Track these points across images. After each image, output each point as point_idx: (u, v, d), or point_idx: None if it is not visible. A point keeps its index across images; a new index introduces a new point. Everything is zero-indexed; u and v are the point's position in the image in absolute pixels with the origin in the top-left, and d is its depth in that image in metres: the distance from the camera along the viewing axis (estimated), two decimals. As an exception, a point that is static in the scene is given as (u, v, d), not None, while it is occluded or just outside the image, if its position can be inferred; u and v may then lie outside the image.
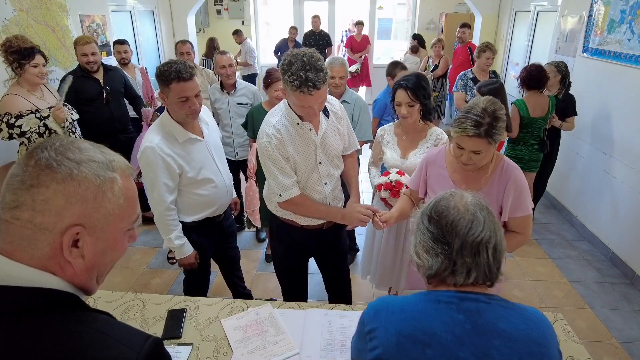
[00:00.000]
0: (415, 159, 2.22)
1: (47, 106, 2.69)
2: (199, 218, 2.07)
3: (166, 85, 1.77)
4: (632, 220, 3.18)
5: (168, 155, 1.83)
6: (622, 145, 3.35)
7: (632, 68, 3.24)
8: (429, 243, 0.94)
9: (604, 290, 3.06)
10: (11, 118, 2.53)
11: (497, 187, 1.63)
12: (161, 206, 1.92)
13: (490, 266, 0.91)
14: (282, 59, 1.62)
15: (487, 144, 1.53)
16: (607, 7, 3.59)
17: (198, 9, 6.86)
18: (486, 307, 0.90)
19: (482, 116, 1.51)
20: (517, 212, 1.62)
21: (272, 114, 1.80)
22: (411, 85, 2.12)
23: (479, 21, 6.72)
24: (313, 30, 7.43)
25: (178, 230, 2.00)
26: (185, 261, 2.07)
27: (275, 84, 2.80)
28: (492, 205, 1.58)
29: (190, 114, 1.83)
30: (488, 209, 0.95)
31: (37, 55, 2.59)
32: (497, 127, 1.52)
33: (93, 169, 0.69)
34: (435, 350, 0.85)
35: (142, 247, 3.61)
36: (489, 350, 0.85)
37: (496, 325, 0.87)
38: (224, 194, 2.13)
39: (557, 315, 1.70)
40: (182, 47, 3.78)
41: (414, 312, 0.91)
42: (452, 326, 0.87)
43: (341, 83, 2.84)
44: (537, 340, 0.88)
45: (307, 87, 1.54)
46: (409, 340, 0.87)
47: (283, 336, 1.58)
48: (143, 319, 1.67)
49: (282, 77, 1.60)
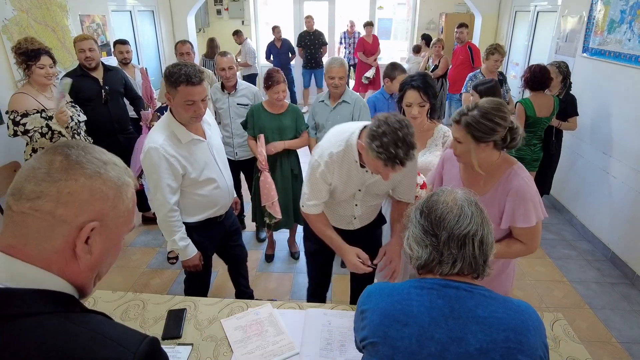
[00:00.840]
0: (426, 158, 2.23)
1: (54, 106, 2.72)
2: (201, 219, 2.08)
3: (174, 87, 1.76)
4: (632, 220, 3.18)
5: (172, 156, 1.83)
6: (622, 145, 3.35)
7: (632, 68, 3.24)
8: (419, 235, 1.00)
9: (604, 290, 3.06)
10: (17, 116, 2.59)
11: (500, 193, 1.62)
12: (165, 208, 1.90)
13: (475, 258, 0.96)
14: (375, 122, 1.46)
15: (466, 135, 1.54)
16: (607, 7, 3.59)
17: (198, 9, 6.86)
18: (466, 294, 0.95)
19: (472, 109, 1.53)
20: (517, 222, 1.59)
21: (336, 142, 1.69)
22: (422, 85, 2.12)
23: (479, 21, 6.72)
24: (308, 30, 7.42)
25: (182, 232, 1.99)
26: (189, 263, 2.05)
27: (276, 86, 2.79)
28: (493, 210, 1.61)
29: (195, 117, 1.84)
30: (477, 204, 1.00)
31: (42, 56, 2.63)
32: (481, 124, 1.50)
33: (116, 171, 0.75)
34: (412, 329, 0.93)
35: (142, 247, 3.62)
36: (463, 334, 0.90)
37: (474, 312, 0.92)
38: (226, 194, 2.13)
39: (557, 315, 1.71)
40: (182, 47, 3.77)
41: (399, 296, 0.98)
42: (430, 309, 0.94)
43: (340, 83, 2.84)
44: (515, 328, 0.91)
45: (394, 163, 1.44)
46: (390, 320, 0.95)
47: (283, 336, 1.58)
48: (143, 319, 1.67)
49: (369, 142, 1.46)
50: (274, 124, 2.90)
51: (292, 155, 3.08)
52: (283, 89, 2.84)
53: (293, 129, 2.98)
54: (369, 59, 7.21)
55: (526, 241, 1.63)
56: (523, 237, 1.63)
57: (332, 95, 2.96)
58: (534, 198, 1.59)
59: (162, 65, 6.39)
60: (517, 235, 1.64)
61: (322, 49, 7.49)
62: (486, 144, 1.55)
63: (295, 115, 2.99)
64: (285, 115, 2.95)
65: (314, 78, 7.72)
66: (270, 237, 3.47)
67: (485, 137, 1.52)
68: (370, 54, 7.25)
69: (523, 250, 1.66)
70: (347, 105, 2.92)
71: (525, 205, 1.57)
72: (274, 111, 2.92)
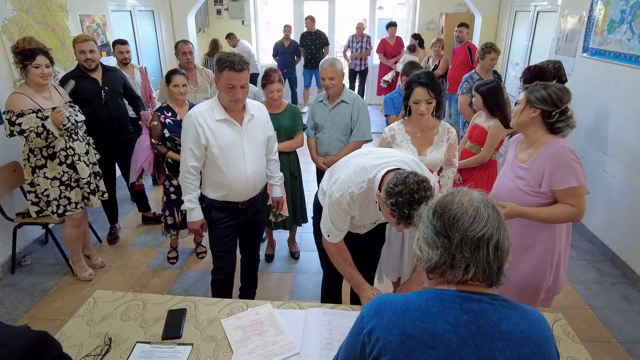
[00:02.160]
0: (434, 155, 2.25)
1: (52, 106, 2.71)
2: (219, 198, 2.21)
3: (220, 71, 1.98)
4: (632, 220, 3.18)
5: (200, 125, 2.04)
6: (622, 145, 3.35)
7: (632, 68, 3.24)
8: (430, 236, 0.94)
9: (604, 290, 3.06)
10: (13, 115, 2.58)
11: (541, 158, 1.82)
12: (183, 167, 2.14)
13: (489, 263, 0.90)
14: (394, 179, 1.45)
15: (524, 98, 1.87)
16: (607, 7, 3.59)
17: (198, 9, 6.86)
18: (490, 307, 0.90)
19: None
20: (557, 185, 1.78)
21: (357, 183, 1.69)
22: (430, 81, 2.14)
23: (479, 21, 6.72)
24: (309, 31, 7.41)
25: (193, 195, 2.18)
26: (191, 226, 2.24)
27: (270, 85, 2.84)
28: (534, 175, 1.84)
29: (234, 101, 2.02)
30: (494, 207, 0.94)
31: (38, 56, 2.60)
32: (538, 91, 1.83)
33: None
34: (440, 352, 0.85)
35: (142, 247, 3.62)
36: (492, 352, 0.85)
37: (499, 327, 0.88)
38: (243, 183, 2.18)
39: (557, 315, 1.71)
40: (183, 47, 3.77)
41: (418, 313, 0.90)
42: (456, 327, 0.87)
43: (332, 84, 2.83)
44: (539, 341, 0.88)
45: (407, 223, 1.44)
46: (413, 341, 0.86)
47: (283, 336, 1.58)
48: (143, 319, 1.67)
49: (385, 198, 1.46)
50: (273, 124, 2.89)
51: (292, 157, 3.08)
52: (278, 88, 2.86)
53: (291, 129, 2.98)
54: (389, 61, 7.02)
55: (573, 203, 1.78)
56: (567, 199, 1.79)
57: (329, 95, 2.96)
58: (573, 164, 1.77)
59: (162, 65, 6.39)
60: (562, 199, 1.81)
61: (324, 50, 7.48)
62: (534, 110, 1.83)
63: (294, 115, 2.99)
64: (284, 115, 2.96)
65: (314, 78, 7.72)
66: (270, 237, 3.47)
67: (535, 103, 1.82)
68: (392, 56, 7.04)
69: (570, 211, 1.79)
70: (346, 105, 2.92)
71: (563, 169, 1.76)
72: (272, 111, 2.92)
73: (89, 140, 3.02)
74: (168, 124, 2.93)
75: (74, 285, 3.09)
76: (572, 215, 1.80)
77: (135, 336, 1.58)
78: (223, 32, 7.79)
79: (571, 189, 1.77)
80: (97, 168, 3.08)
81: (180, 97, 2.98)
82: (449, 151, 2.34)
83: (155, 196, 4.53)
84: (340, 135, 2.96)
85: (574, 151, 1.80)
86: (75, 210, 2.91)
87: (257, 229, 2.50)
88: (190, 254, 3.51)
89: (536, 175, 1.83)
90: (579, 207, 1.79)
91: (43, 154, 2.75)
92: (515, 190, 1.91)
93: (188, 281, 3.16)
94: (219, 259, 2.34)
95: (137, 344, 1.54)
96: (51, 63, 2.69)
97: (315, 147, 3.09)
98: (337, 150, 2.98)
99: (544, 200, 1.84)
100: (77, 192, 2.91)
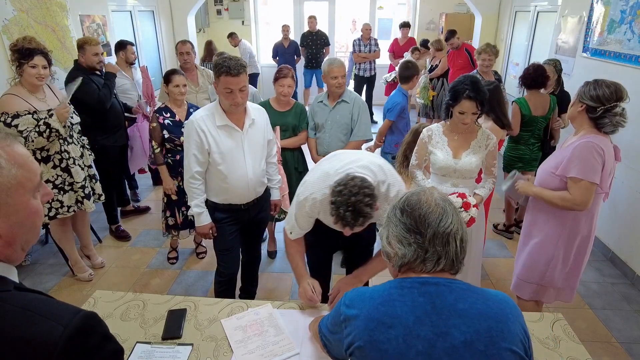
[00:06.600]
0: (469, 159, 2.25)
1: (46, 108, 2.65)
2: (221, 201, 2.23)
3: (217, 76, 1.99)
4: (632, 220, 3.18)
5: (202, 130, 2.05)
6: (622, 146, 3.31)
7: (632, 68, 3.24)
8: (402, 233, 1.00)
9: (604, 290, 3.06)
10: (8, 117, 2.50)
11: (568, 149, 1.94)
12: (187, 173, 2.15)
13: (457, 255, 0.99)
14: (342, 179, 1.51)
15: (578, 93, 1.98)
16: (607, 7, 3.58)
17: (198, 9, 6.86)
18: (446, 289, 0.97)
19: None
20: (564, 171, 1.91)
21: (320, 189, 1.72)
22: (478, 95, 2.10)
23: (479, 21, 6.72)
24: (310, 31, 7.40)
25: (199, 200, 2.19)
26: (200, 230, 2.25)
27: (282, 80, 2.88)
28: (558, 162, 1.97)
29: (233, 104, 2.03)
30: (453, 205, 1.04)
31: (36, 56, 2.55)
32: (587, 87, 1.94)
33: None
34: (398, 330, 0.94)
35: (142, 247, 3.62)
36: (447, 328, 0.92)
37: (455, 306, 0.95)
38: (245, 186, 2.20)
39: (557, 315, 1.71)
40: (182, 47, 3.77)
41: (380, 299, 0.99)
42: (413, 308, 0.95)
43: (343, 82, 2.89)
44: (495, 317, 0.94)
45: (343, 223, 1.50)
46: (376, 323, 0.96)
47: (283, 336, 1.58)
48: (143, 319, 1.67)
49: (331, 197, 1.51)
50: (279, 121, 2.92)
51: (297, 152, 3.10)
52: (289, 83, 2.88)
53: (297, 127, 3.01)
54: (396, 60, 6.95)
55: (572, 192, 1.89)
56: (570, 188, 1.91)
57: (333, 95, 2.96)
58: (589, 158, 1.84)
59: (162, 65, 6.38)
60: (568, 187, 1.92)
61: (325, 50, 7.46)
62: (581, 104, 1.93)
63: (300, 113, 3.02)
64: (291, 113, 2.98)
65: (315, 78, 7.71)
66: (271, 234, 3.47)
67: (582, 97, 1.92)
68: (400, 56, 6.99)
69: (565, 198, 1.92)
70: (346, 105, 2.93)
71: (577, 159, 1.86)
72: (279, 108, 2.94)
73: (83, 142, 3.00)
74: (167, 125, 2.93)
75: (74, 285, 3.09)
76: (565, 202, 1.93)
77: (135, 336, 1.58)
78: (223, 32, 7.79)
79: (574, 179, 1.88)
80: (93, 171, 3.08)
81: (180, 97, 2.98)
82: (488, 159, 2.32)
83: (155, 196, 4.53)
84: (340, 135, 2.97)
85: (603, 150, 1.86)
86: (67, 214, 2.84)
87: (258, 228, 2.51)
88: (190, 254, 3.51)
89: (561, 160, 1.96)
90: (574, 197, 1.90)
91: (37, 157, 2.66)
92: (546, 170, 2.07)
93: (188, 281, 3.17)
94: (224, 257, 2.34)
95: (137, 344, 1.54)
96: (49, 65, 2.65)
97: (315, 147, 3.09)
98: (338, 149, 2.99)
99: (560, 185, 1.97)
100: (70, 196, 2.84)
